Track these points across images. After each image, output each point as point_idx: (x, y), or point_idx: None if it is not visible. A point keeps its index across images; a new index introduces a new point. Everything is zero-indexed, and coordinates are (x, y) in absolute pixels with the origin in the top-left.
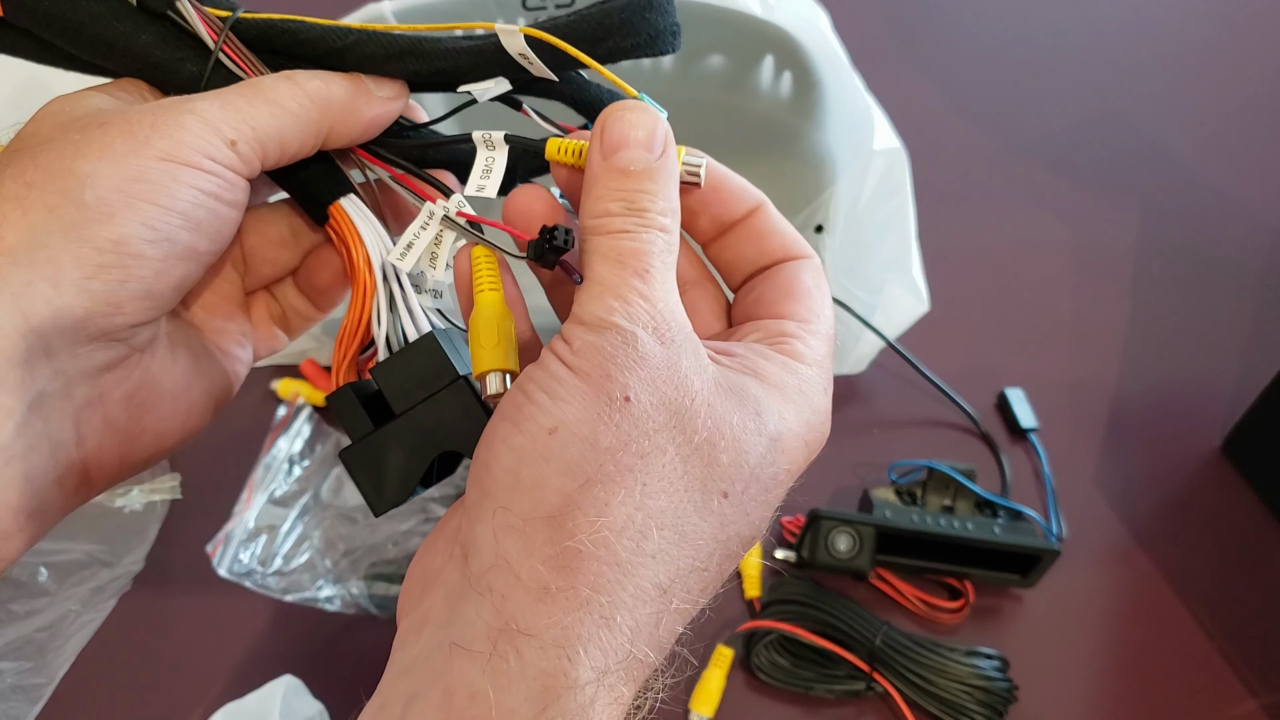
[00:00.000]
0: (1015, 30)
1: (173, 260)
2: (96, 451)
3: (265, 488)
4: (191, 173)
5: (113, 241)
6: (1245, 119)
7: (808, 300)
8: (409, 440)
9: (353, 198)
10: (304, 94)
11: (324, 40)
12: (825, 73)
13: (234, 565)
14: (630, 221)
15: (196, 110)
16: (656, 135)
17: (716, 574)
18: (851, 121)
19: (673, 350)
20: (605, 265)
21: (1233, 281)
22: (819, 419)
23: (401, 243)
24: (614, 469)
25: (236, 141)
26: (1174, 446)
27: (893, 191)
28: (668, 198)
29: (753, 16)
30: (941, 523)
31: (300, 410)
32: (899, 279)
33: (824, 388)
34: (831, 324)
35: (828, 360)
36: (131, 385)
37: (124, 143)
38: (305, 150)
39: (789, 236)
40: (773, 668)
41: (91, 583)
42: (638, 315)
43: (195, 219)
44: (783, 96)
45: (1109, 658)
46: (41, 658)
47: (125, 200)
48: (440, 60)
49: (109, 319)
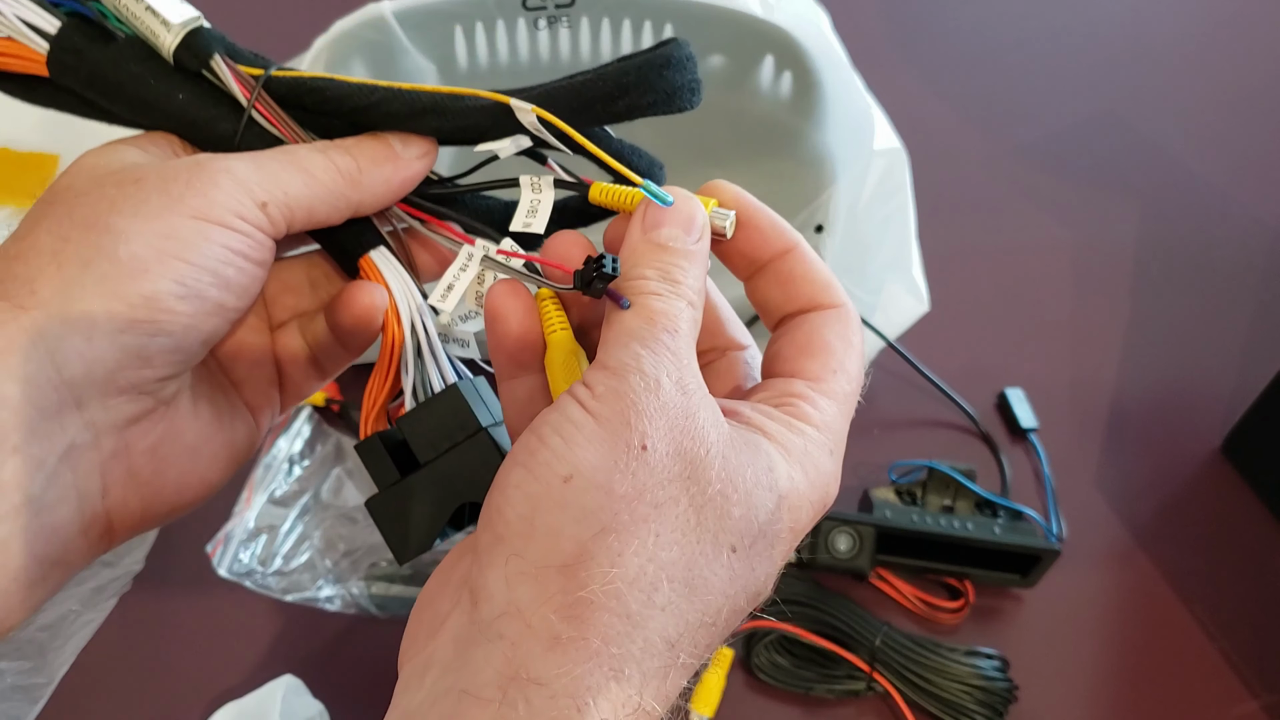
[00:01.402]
0: (1015, 30)
1: (201, 316)
2: (120, 504)
3: (265, 488)
4: (222, 231)
5: (144, 297)
6: (1245, 119)
7: (824, 357)
8: (432, 490)
9: (382, 250)
10: (334, 168)
11: (350, 98)
12: (825, 73)
13: (234, 565)
14: (664, 286)
15: (231, 170)
16: (696, 221)
17: (723, 629)
18: (851, 121)
19: (693, 402)
20: (637, 320)
21: (1233, 281)
22: (823, 481)
23: (441, 285)
24: (629, 518)
25: (268, 204)
26: (1174, 446)
27: (893, 191)
28: (698, 278)
29: (753, 16)
30: (941, 523)
31: (300, 410)
32: (899, 279)
33: (830, 450)
34: (854, 379)
35: (839, 421)
36: (156, 438)
37: (158, 199)
38: (335, 219)
39: (818, 283)
40: (773, 668)
41: (92, 583)
42: (663, 364)
43: (224, 276)
44: (783, 97)
45: (1109, 658)
46: (42, 657)
47: (158, 256)
48: (462, 118)
49: (138, 371)
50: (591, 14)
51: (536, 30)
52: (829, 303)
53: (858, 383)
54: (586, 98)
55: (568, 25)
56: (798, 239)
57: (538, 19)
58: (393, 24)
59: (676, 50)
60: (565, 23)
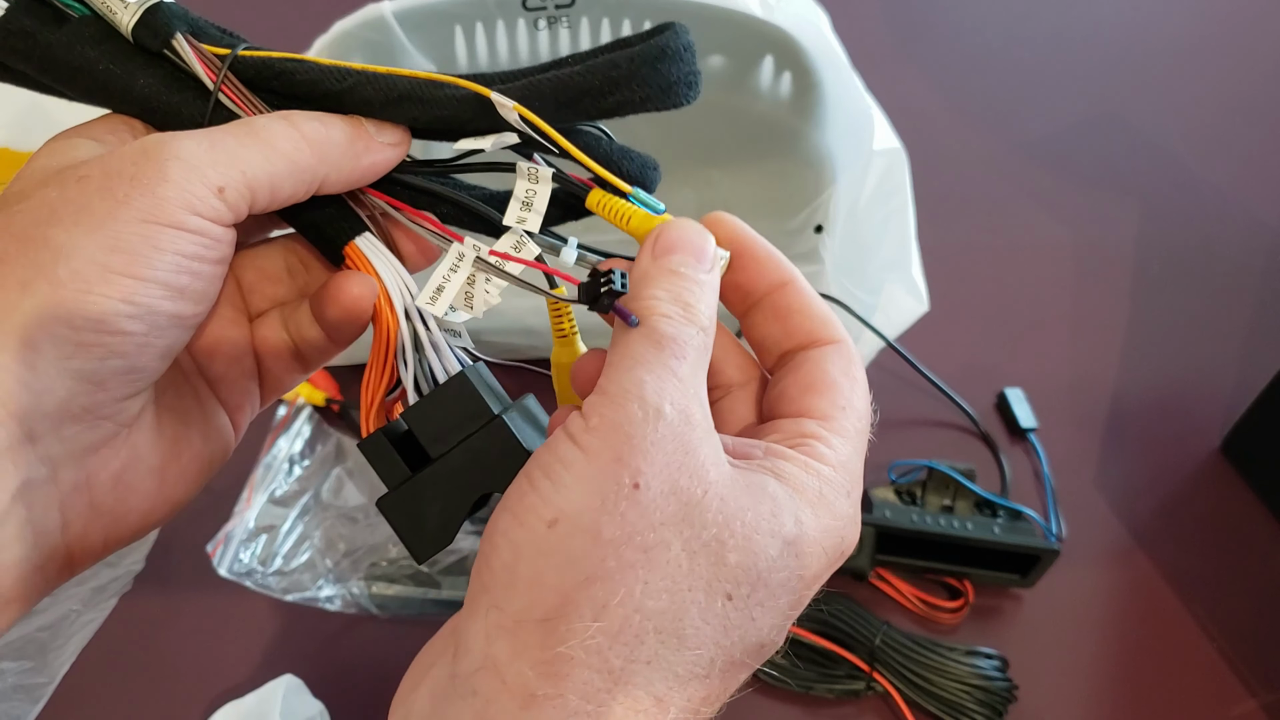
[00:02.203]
0: (1015, 30)
1: (156, 331)
2: (81, 537)
3: (265, 487)
4: (174, 235)
5: (91, 319)
6: (1245, 119)
7: (832, 394)
8: (448, 484)
9: (368, 236)
10: (299, 136)
11: (321, 82)
12: (825, 73)
13: (234, 565)
14: (675, 309)
15: (182, 154)
16: (707, 251)
17: (720, 684)
18: (851, 121)
19: (695, 435)
20: (643, 343)
21: (1233, 281)
22: (840, 524)
23: (430, 286)
24: (615, 565)
25: (224, 188)
26: (1174, 446)
27: (892, 191)
28: (710, 305)
29: (753, 17)
30: (941, 522)
31: (300, 410)
32: (899, 279)
33: (846, 490)
34: (863, 417)
35: (854, 460)
36: (119, 465)
37: (101, 203)
38: (298, 196)
39: (817, 318)
40: (772, 667)
41: (92, 582)
42: (667, 391)
43: (177, 286)
44: (783, 97)
45: (1108, 657)
46: (43, 657)
47: (102, 275)
48: (441, 108)
49: (92, 396)
50: (591, 14)
51: (536, 30)
52: (829, 338)
53: (867, 419)
54: (573, 92)
55: (568, 25)
56: (794, 272)
57: (538, 19)
58: (393, 24)
59: (672, 40)
60: (565, 23)
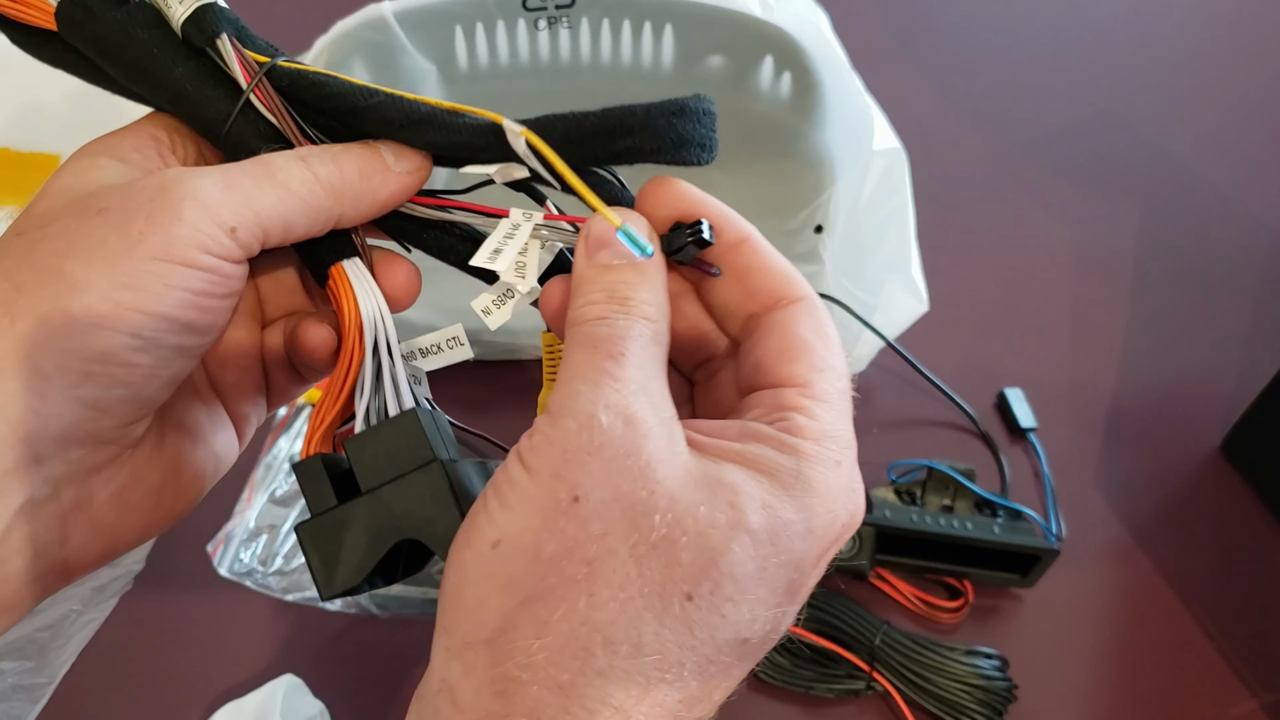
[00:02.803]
0: (1015, 30)
1: (161, 364)
2: (79, 550)
3: (266, 487)
4: (185, 274)
5: (99, 352)
6: (1244, 119)
7: (807, 356)
8: (370, 521)
9: (356, 261)
10: (315, 179)
11: (349, 98)
12: (825, 73)
13: (235, 565)
14: (610, 309)
15: (198, 195)
16: (642, 234)
17: (698, 686)
18: (851, 122)
19: (637, 435)
20: (579, 352)
21: (1232, 281)
22: (829, 500)
23: (486, 249)
24: (556, 581)
25: (237, 229)
26: (1174, 446)
27: (892, 191)
28: (654, 292)
29: (753, 17)
30: (941, 522)
31: (301, 410)
32: (898, 279)
33: (835, 461)
34: (842, 375)
35: (840, 424)
36: (119, 484)
37: (117, 240)
38: (314, 232)
39: (778, 274)
40: (772, 667)
41: (92, 582)
42: (602, 397)
43: (185, 321)
44: (782, 97)
45: (1108, 657)
46: (43, 657)
47: (114, 310)
48: (456, 134)
49: (97, 423)
50: (591, 15)
51: (537, 31)
52: (793, 296)
53: (846, 377)
54: (585, 131)
55: (568, 26)
56: (751, 230)
57: (538, 19)
58: (393, 24)
59: (694, 101)
60: (565, 23)
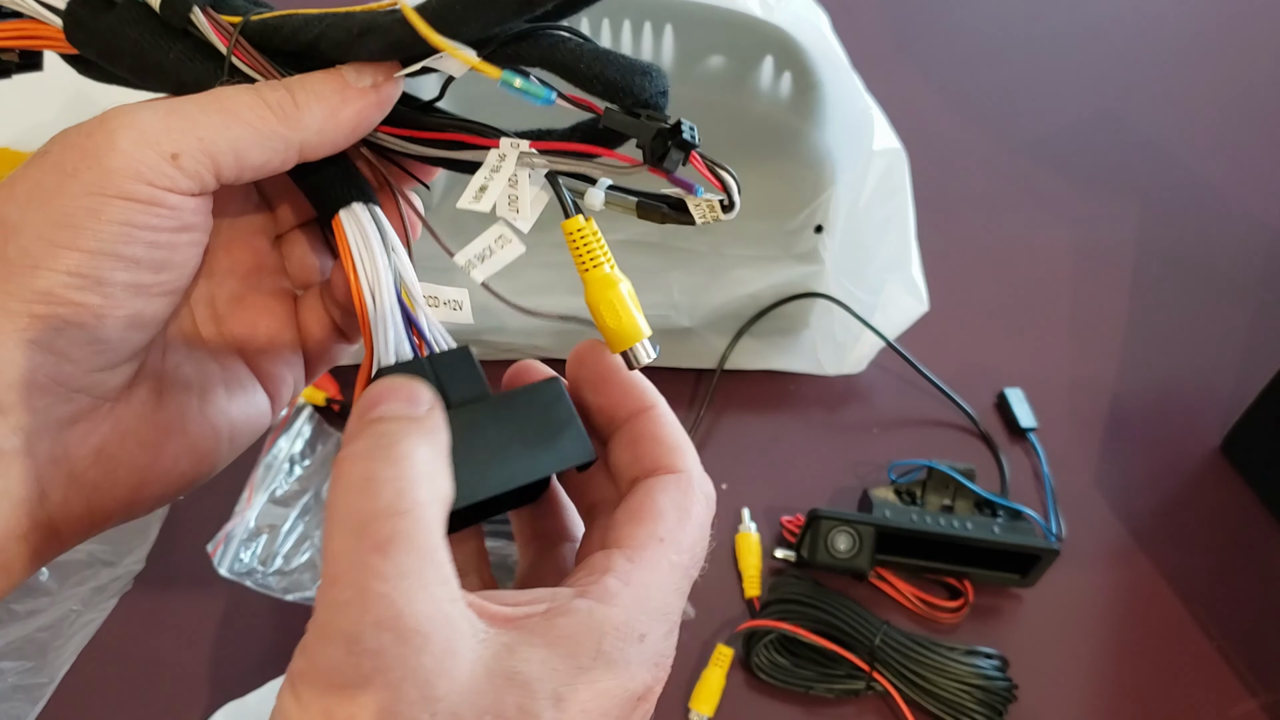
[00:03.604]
0: (1015, 30)
1: (112, 303)
2: (62, 508)
3: (266, 487)
4: (121, 207)
5: (39, 293)
6: (1244, 119)
7: (652, 524)
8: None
9: (354, 209)
10: (263, 103)
11: (300, 32)
12: (825, 73)
13: (235, 565)
14: (377, 468)
15: (135, 123)
16: (418, 395)
17: None
18: (851, 122)
19: (411, 650)
20: (341, 539)
21: (1232, 281)
22: (624, 680)
23: (472, 187)
24: None
25: (179, 155)
26: (1173, 446)
27: (892, 191)
28: (429, 447)
29: (753, 17)
30: (941, 522)
31: (301, 410)
32: (899, 279)
33: (639, 635)
34: (685, 550)
35: (659, 594)
36: (100, 439)
37: (52, 178)
38: (277, 164)
39: (664, 446)
40: (772, 667)
41: (93, 582)
42: (369, 611)
43: (130, 257)
44: (783, 97)
45: (1108, 657)
46: (43, 657)
47: (48, 249)
48: (393, 32)
49: (57, 368)
50: (592, 15)
51: None
52: (674, 467)
53: (692, 554)
54: None
55: None
56: (657, 400)
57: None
58: None
59: None
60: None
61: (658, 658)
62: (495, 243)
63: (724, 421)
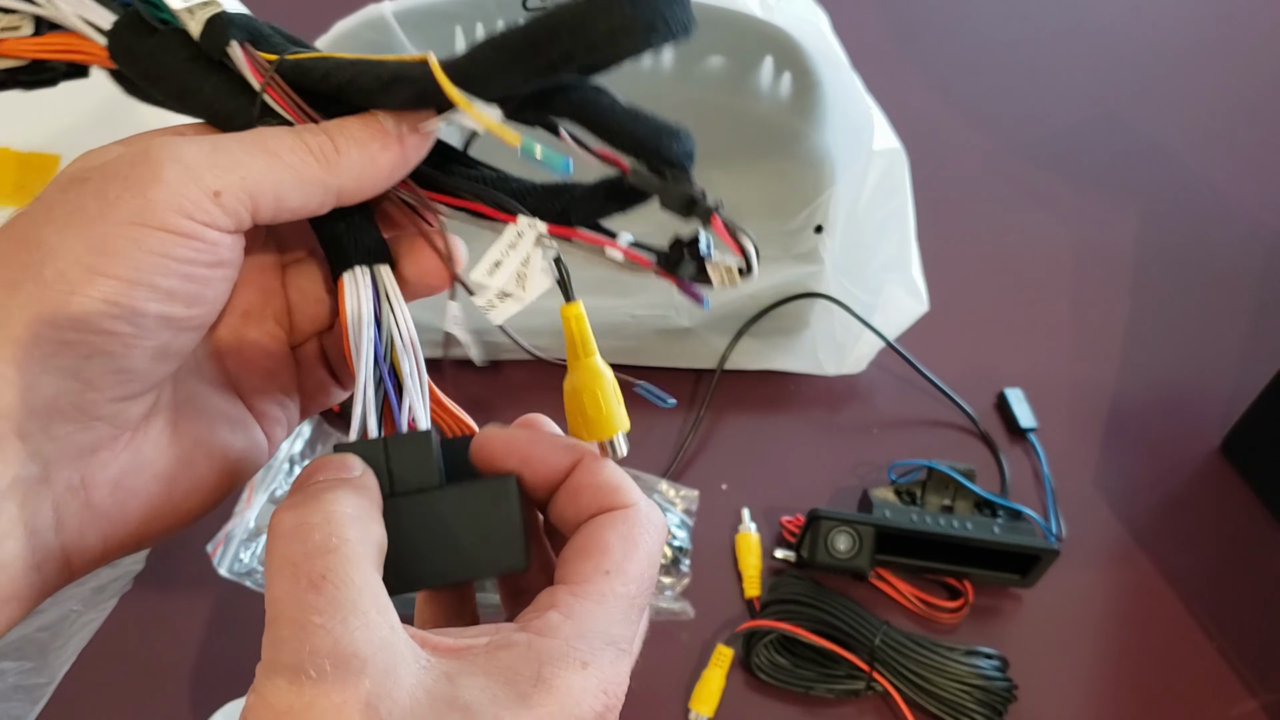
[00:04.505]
0: (1015, 30)
1: (143, 333)
2: (77, 538)
3: (266, 487)
4: (161, 238)
5: (72, 319)
6: (1244, 119)
7: (598, 558)
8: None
9: (355, 272)
10: (305, 147)
11: (332, 75)
12: (825, 73)
13: (234, 565)
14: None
15: (181, 157)
16: (348, 464)
17: None
18: (851, 122)
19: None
20: (280, 583)
21: (1232, 282)
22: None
23: (487, 260)
24: None
25: (221, 193)
26: (1173, 446)
27: (892, 192)
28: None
29: (753, 17)
30: (941, 522)
31: None
32: (898, 279)
33: (581, 663)
34: (633, 580)
35: (604, 624)
36: (119, 470)
37: (94, 205)
38: (313, 207)
39: (606, 488)
40: (772, 667)
41: (92, 582)
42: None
43: (165, 289)
44: (782, 97)
45: (1108, 657)
46: (43, 657)
47: (86, 276)
48: (420, 83)
49: (81, 395)
50: None
51: None
52: (618, 504)
53: (639, 583)
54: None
55: None
56: (584, 450)
57: None
58: (393, 24)
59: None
60: None
61: (606, 685)
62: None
63: (724, 421)
